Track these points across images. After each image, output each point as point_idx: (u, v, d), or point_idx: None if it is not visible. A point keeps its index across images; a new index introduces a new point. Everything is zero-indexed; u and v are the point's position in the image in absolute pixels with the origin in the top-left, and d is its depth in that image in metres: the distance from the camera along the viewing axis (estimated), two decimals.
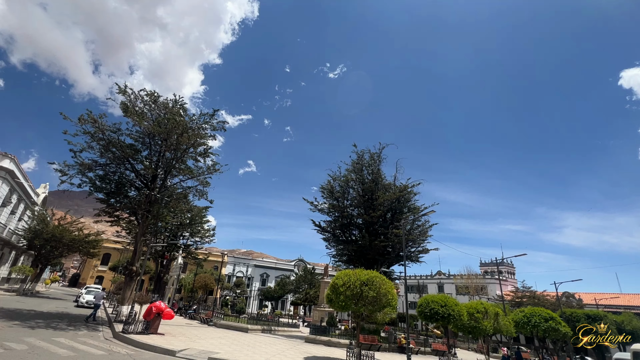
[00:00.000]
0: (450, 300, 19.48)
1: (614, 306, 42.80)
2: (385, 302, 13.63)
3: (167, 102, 19.78)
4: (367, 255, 31.00)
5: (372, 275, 13.56)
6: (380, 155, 32.91)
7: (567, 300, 44.84)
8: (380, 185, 31.68)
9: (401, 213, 31.31)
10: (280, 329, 28.34)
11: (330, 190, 32.64)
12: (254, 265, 71.02)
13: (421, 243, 31.86)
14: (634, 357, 19.66)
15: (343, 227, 32.65)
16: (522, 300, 44.58)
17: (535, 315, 22.99)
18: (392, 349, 24.31)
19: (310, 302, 52.79)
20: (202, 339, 16.11)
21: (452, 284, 62.02)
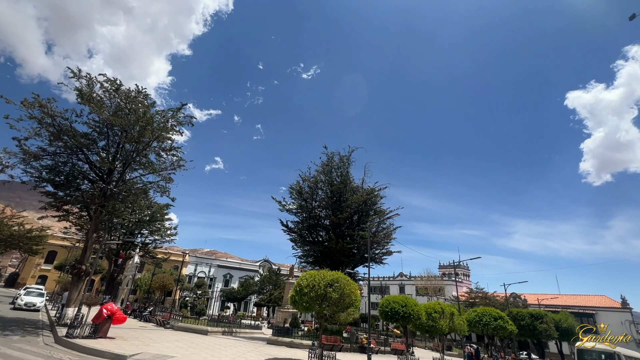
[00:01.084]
0: (410, 300, 20.24)
1: (553, 306, 47.00)
2: (349, 303, 13.84)
3: (129, 91, 18.61)
4: (332, 257, 31.32)
5: (336, 276, 13.71)
6: (350, 158, 33.48)
7: (514, 300, 48.47)
8: (349, 187, 32.21)
9: (367, 215, 32.04)
10: (242, 330, 27.72)
11: (299, 191, 32.61)
12: (217, 265, 68.89)
13: (385, 245, 32.80)
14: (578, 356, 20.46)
15: (310, 228, 32.75)
16: (475, 301, 47.46)
17: (486, 315, 24.59)
18: (353, 349, 24.72)
19: (275, 304, 52.24)
20: (157, 342, 15.31)
21: (412, 285, 64.50)
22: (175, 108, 19.61)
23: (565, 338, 33.12)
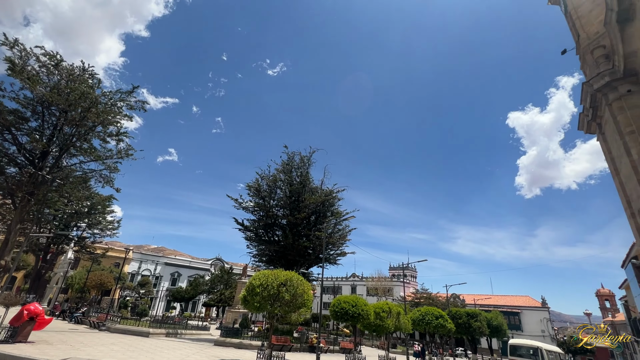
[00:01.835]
0: (360, 300, 20.88)
1: (486, 305, 51.64)
2: (301, 303, 13.90)
3: (72, 68, 16.82)
4: (288, 256, 31.22)
5: (290, 276, 13.70)
6: (311, 159, 33.68)
7: (454, 300, 52.38)
8: (308, 188, 32.37)
9: (325, 216, 32.46)
10: (188, 332, 26.42)
11: (257, 189, 32.02)
12: (164, 263, 64.87)
13: (340, 246, 33.49)
14: (511, 351, 23.24)
15: (267, 227, 32.31)
16: (420, 301, 50.41)
17: (428, 314, 26.24)
18: (303, 348, 24.84)
19: (225, 304, 50.61)
20: (89, 346, 14.00)
21: (364, 286, 66.61)
22: (126, 91, 18.15)
23: (495, 334, 36.58)
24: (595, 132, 21.31)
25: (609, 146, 19.35)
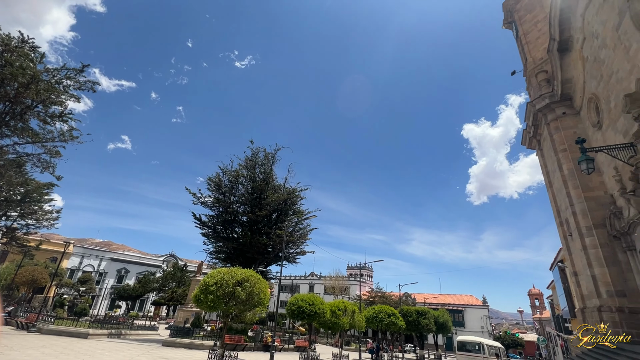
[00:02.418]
0: (317, 299, 21.13)
1: (435, 304, 54.90)
2: (257, 302, 13.72)
3: (9, 38, 14.95)
4: (246, 254, 30.61)
5: (248, 274, 13.46)
6: (275, 156, 33.33)
7: (406, 299, 54.99)
8: (271, 185, 31.99)
9: (286, 215, 32.31)
10: (133, 332, 24.81)
11: (218, 184, 30.98)
12: (110, 258, 60.21)
13: (300, 245, 33.56)
14: (459, 347, 25.37)
15: (226, 223, 31.38)
16: (374, 300, 52.20)
17: (381, 312, 27.29)
18: (257, 347, 24.53)
19: (177, 302, 48.27)
20: (15, 349, 12.58)
21: (321, 285, 67.37)
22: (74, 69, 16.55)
23: (441, 331, 39.04)
24: (535, 148, 23.67)
25: (545, 161, 21.60)
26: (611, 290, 15.04)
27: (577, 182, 17.18)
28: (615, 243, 15.19)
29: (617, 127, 13.84)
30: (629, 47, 12.37)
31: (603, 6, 13.97)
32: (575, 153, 16.10)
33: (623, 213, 13.99)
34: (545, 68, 20.65)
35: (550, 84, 19.95)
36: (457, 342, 25.93)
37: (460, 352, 24.73)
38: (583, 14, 15.89)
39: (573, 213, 17.40)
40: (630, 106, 10.79)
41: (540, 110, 20.19)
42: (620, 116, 13.20)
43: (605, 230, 15.76)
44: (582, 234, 16.68)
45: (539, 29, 22.32)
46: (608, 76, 14.40)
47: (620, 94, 12.76)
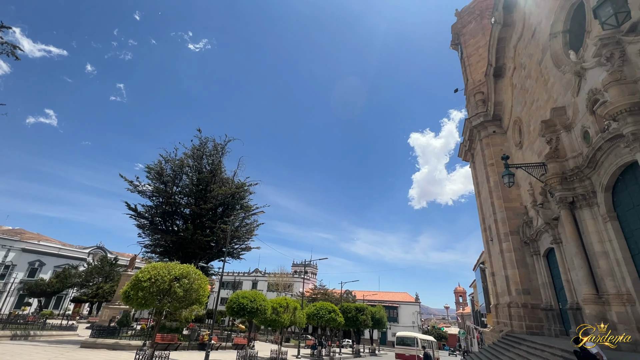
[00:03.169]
0: (259, 296, 20.87)
1: (373, 301, 57.83)
2: (195, 299, 13.10)
3: None
4: (187, 248, 28.96)
5: (187, 270, 12.77)
6: (225, 147, 32.03)
7: (347, 296, 57.02)
8: (218, 177, 30.68)
9: (233, 209, 31.28)
10: (46, 333, 21.92)
11: (159, 172, 28.77)
12: (20, 249, 52.29)
13: (246, 241, 32.76)
14: (397, 341, 28.05)
15: (166, 215, 29.30)
16: (317, 297, 53.18)
17: (322, 309, 27.94)
18: (192, 346, 23.37)
19: (103, 299, 43.81)
20: None
21: (265, 282, 66.64)
22: None
23: (377, 326, 41.26)
24: (469, 160, 26.24)
25: (477, 173, 24.07)
26: (519, 289, 17.30)
27: (500, 194, 19.43)
28: (525, 248, 17.52)
29: (534, 148, 15.96)
30: (547, 80, 14.31)
31: (531, 42, 15.98)
32: (500, 168, 18.23)
33: (533, 222, 16.17)
34: (482, 89, 23.00)
35: (485, 104, 22.27)
36: (397, 337, 28.66)
37: (398, 346, 27.44)
38: (515, 45, 18.01)
39: (495, 221, 19.63)
40: (544, 131, 12.50)
41: (475, 127, 22.44)
42: (537, 139, 15.23)
43: (518, 236, 18.08)
44: (501, 239, 18.90)
45: (480, 54, 24.77)
46: (530, 103, 16.51)
47: (539, 119, 14.72)
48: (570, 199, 11.35)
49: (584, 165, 10.64)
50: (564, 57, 12.80)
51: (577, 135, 11.45)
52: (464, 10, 27.38)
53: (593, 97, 10.03)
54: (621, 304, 9.36)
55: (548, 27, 13.64)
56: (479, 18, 25.93)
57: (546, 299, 15.50)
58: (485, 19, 25.15)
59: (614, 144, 9.11)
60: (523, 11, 16.40)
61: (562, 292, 13.81)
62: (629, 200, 9.43)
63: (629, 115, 7.73)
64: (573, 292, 12.67)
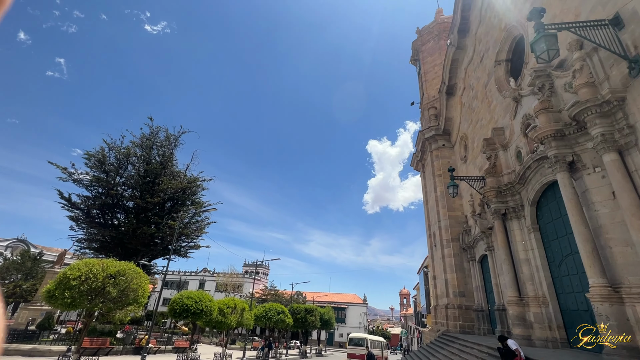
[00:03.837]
0: (205, 296, 19.98)
1: (323, 302, 58.56)
2: (133, 299, 12.14)
3: None
4: (127, 245, 26.77)
5: (125, 267, 11.78)
6: (179, 139, 30.31)
7: (297, 297, 57.01)
8: (169, 170, 28.89)
9: (183, 205, 29.65)
10: None
11: (101, 160, 26.26)
12: None
13: (195, 239, 31.24)
14: (349, 342, 29.27)
15: (105, 208, 26.79)
16: (267, 297, 52.40)
17: (271, 310, 27.60)
18: (127, 350, 21.58)
19: (22, 299, 38.59)
20: None
21: (213, 282, 64.00)
22: None
23: (325, 327, 41.82)
24: (420, 170, 27.88)
25: (426, 182, 25.65)
26: (456, 292, 18.72)
27: (445, 203, 20.90)
28: (464, 254, 19.04)
29: (476, 163, 17.44)
30: (491, 102, 15.74)
31: (479, 66, 17.48)
32: (446, 179, 19.63)
33: (472, 231, 17.66)
34: (436, 105, 24.63)
35: (437, 118, 23.87)
36: (349, 338, 30.43)
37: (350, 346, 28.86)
38: (466, 67, 19.57)
39: (439, 228, 21.05)
40: (485, 148, 13.74)
41: (427, 139, 23.93)
42: (479, 155, 16.66)
43: (458, 243, 19.58)
44: (443, 245, 20.33)
45: (436, 72, 26.52)
46: (475, 122, 18.02)
47: (481, 137, 16.13)
48: (503, 211, 12.61)
49: (515, 181, 11.90)
50: (505, 83, 14.23)
51: (512, 154, 12.78)
52: (424, 29, 29.14)
53: (526, 122, 11.28)
54: (537, 306, 10.60)
55: (494, 55, 15.07)
56: (437, 38, 27.76)
57: (478, 301, 17.00)
58: (442, 39, 27.01)
59: (540, 164, 10.32)
60: (474, 37, 17.94)
61: (492, 295, 15.26)
62: (549, 215, 10.75)
63: (553, 140, 8.82)
64: (500, 295, 14.06)
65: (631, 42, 7.23)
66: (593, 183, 8.23)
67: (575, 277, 9.50)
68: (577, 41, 8.68)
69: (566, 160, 8.71)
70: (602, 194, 7.97)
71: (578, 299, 9.33)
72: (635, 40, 7.11)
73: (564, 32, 8.42)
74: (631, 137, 7.20)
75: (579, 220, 8.12)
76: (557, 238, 10.31)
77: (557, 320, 10.12)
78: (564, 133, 8.68)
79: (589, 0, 8.69)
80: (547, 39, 7.54)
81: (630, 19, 7.26)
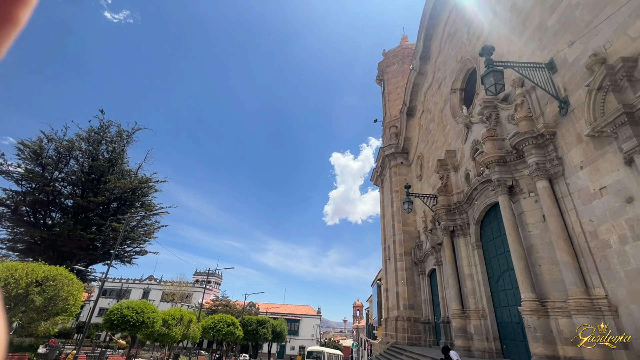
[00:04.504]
0: (148, 307, 18.52)
1: (276, 313, 57.21)
2: (62, 308, 10.85)
3: None
4: (61, 247, 24.07)
5: (54, 273, 10.53)
6: (132, 136, 28.31)
7: (250, 308, 55.11)
8: (118, 168, 26.75)
9: (132, 206, 27.50)
10: None
11: (36, 152, 23.55)
12: None
13: (142, 243, 29.01)
14: (307, 355, 29.02)
15: (37, 205, 23.91)
16: (217, 308, 49.91)
17: (221, 322, 26.31)
18: None
19: None
20: None
21: (159, 291, 59.65)
22: None
23: (277, 340, 40.75)
24: (379, 185, 28.89)
25: (384, 197, 26.59)
26: (406, 304, 19.38)
27: (400, 218, 21.78)
28: (415, 268, 19.86)
29: (430, 181, 18.50)
30: (445, 126, 16.90)
31: (437, 92, 18.76)
32: (403, 195, 20.52)
33: (423, 246, 18.54)
34: (397, 124, 25.89)
35: (398, 137, 25.07)
36: (307, 352, 30.75)
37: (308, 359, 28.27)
38: (426, 92, 20.90)
39: (394, 242, 21.82)
40: (439, 168, 14.66)
41: (387, 156, 24.96)
42: (433, 174, 17.70)
43: (410, 257, 20.42)
44: (397, 258, 21.05)
45: (398, 93, 27.99)
46: (431, 143, 19.19)
47: (436, 158, 17.19)
48: (451, 228, 13.46)
49: (463, 201, 12.81)
50: (459, 110, 15.43)
51: (462, 176, 13.78)
52: (390, 52, 30.79)
53: (475, 147, 12.28)
54: (478, 318, 11.35)
55: (450, 83, 16.33)
56: (401, 62, 29.46)
57: (426, 314, 17.77)
58: (406, 64, 28.71)
59: (485, 187, 11.25)
60: (434, 65, 19.33)
61: (438, 308, 16.05)
62: (491, 233, 11.69)
63: (496, 165, 9.69)
64: (446, 308, 14.84)
65: (562, 85, 8.28)
66: (528, 206, 9.14)
67: (510, 292, 10.36)
68: (520, 79, 9.75)
69: (507, 184, 9.59)
70: (535, 217, 8.88)
71: (512, 312, 10.16)
72: (565, 83, 8.16)
73: (510, 69, 9.41)
74: (559, 167, 8.16)
75: (515, 239, 8.93)
76: (497, 255, 11.22)
77: (494, 332, 10.90)
78: (506, 160, 9.59)
79: (530, 45, 9.84)
80: (495, 74, 8.37)
81: (562, 65, 8.33)
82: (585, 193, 7.36)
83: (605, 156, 6.83)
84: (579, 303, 6.82)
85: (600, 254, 6.88)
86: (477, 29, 13.65)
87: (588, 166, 7.30)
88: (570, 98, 7.96)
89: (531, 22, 9.86)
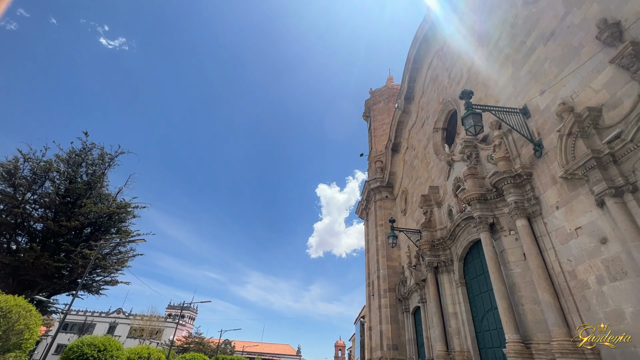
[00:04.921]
0: (113, 343, 17.02)
1: (253, 352, 53.70)
2: (14, 344, 9.81)
3: None
4: (23, 275, 22.34)
5: (11, 303, 9.65)
6: (115, 159, 27.71)
7: (226, 346, 51.59)
8: (96, 192, 25.83)
9: (107, 232, 26.23)
10: None
11: (10, 172, 22.58)
12: None
13: (113, 272, 27.33)
14: None
15: (3, 227, 22.48)
16: (190, 346, 46.47)
17: None
18: None
19: None
20: None
21: (128, 325, 55.37)
22: None
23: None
24: (364, 218, 28.90)
25: (369, 231, 26.49)
26: (390, 344, 18.63)
27: (385, 252, 21.59)
28: (399, 305, 19.38)
29: (414, 216, 18.66)
30: (429, 163, 17.43)
31: (421, 130, 19.56)
32: (387, 229, 20.53)
33: (407, 282, 18.25)
34: (382, 159, 26.55)
35: (383, 172, 25.59)
36: None
37: None
38: (410, 129, 21.76)
39: (378, 277, 21.43)
40: (422, 204, 14.88)
41: (372, 190, 25.27)
42: (417, 209, 17.92)
43: (395, 294, 19.98)
44: (381, 295, 20.55)
45: (384, 129, 29.03)
46: (415, 179, 19.64)
47: (420, 193, 17.51)
48: (435, 264, 13.40)
49: (447, 236, 12.91)
50: (441, 148, 16.06)
51: (445, 212, 14.01)
52: (376, 91, 32.40)
53: (457, 184, 12.65)
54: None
55: (433, 123, 17.14)
56: (386, 100, 30.93)
57: (410, 355, 17.05)
58: (391, 102, 30.14)
59: (467, 223, 11.43)
60: (418, 105, 20.37)
61: (423, 349, 15.48)
62: (474, 271, 11.68)
63: (477, 202, 9.94)
64: (430, 348, 14.33)
65: (535, 129, 8.83)
66: (509, 244, 9.29)
67: (494, 332, 10.17)
68: (497, 122, 10.35)
69: (488, 222, 9.78)
70: (516, 255, 8.99)
71: (497, 354, 9.89)
72: (538, 128, 8.71)
73: (488, 112, 10.00)
74: (537, 207, 8.44)
75: (497, 277, 8.94)
76: (480, 293, 11.14)
77: None
78: (487, 197, 9.87)
79: (506, 91, 10.59)
80: (474, 116, 8.88)
81: (535, 111, 8.95)
82: (562, 233, 7.58)
83: (579, 197, 7.15)
84: (563, 345, 6.74)
85: (579, 294, 6.95)
86: (457, 74, 14.65)
87: (563, 206, 7.59)
88: (543, 141, 8.46)
89: (506, 72, 10.70)
